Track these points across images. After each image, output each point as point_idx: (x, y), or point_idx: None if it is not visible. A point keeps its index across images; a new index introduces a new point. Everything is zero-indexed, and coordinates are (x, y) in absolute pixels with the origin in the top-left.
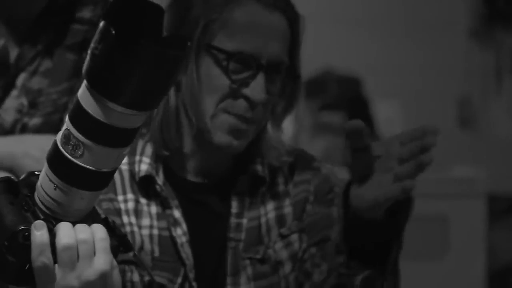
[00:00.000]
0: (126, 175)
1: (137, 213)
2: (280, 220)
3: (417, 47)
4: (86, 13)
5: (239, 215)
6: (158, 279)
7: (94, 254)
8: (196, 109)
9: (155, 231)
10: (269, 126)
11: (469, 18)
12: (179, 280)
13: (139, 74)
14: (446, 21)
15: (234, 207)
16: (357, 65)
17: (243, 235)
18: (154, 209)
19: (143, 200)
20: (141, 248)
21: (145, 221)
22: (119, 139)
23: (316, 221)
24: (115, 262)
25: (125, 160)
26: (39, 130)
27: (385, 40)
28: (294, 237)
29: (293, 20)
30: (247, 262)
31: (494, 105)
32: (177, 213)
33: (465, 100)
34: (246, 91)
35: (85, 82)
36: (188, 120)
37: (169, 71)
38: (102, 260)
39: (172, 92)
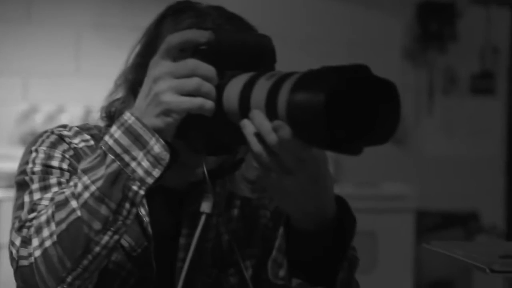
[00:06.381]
0: None
1: None
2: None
3: None
4: None
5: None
6: (122, 241)
7: None
8: None
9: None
10: None
11: (403, 38)
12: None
13: None
14: (380, 41)
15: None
16: None
17: None
18: None
19: None
20: None
21: None
22: None
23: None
24: None
25: None
26: None
27: (319, 59)
28: None
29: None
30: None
31: (426, 124)
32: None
33: None
34: None
35: None
36: None
37: None
38: None
39: None
